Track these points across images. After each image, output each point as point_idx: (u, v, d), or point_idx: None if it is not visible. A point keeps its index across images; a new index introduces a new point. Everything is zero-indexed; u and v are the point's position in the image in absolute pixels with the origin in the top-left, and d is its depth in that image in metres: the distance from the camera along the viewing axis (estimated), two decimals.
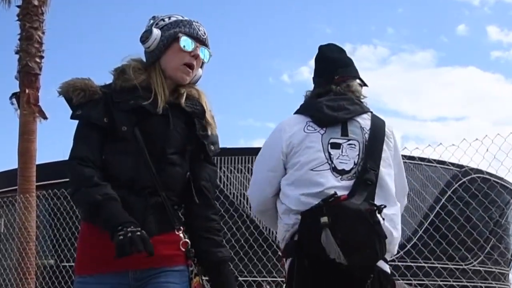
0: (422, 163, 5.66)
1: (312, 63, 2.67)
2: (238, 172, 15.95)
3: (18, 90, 8.77)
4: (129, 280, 1.91)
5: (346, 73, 2.49)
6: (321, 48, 2.61)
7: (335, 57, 2.55)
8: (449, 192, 20.33)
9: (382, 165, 2.32)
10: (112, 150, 1.96)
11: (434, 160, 5.89)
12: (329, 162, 2.30)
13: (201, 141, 2.05)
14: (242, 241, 6.67)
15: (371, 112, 2.46)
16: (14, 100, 8.75)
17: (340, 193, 2.19)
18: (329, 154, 2.32)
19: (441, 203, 20.07)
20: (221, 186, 18.04)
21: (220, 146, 2.15)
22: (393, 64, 56.44)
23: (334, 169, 2.29)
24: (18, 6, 9.15)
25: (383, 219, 2.18)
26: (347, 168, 2.30)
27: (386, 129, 2.42)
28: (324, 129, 2.36)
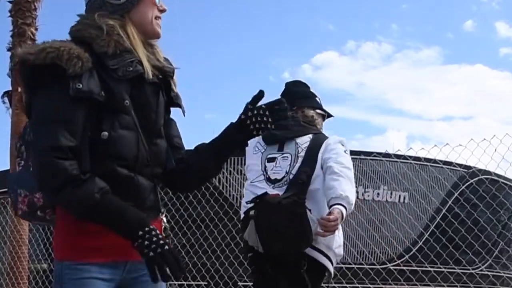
0: (428, 164, 5.67)
1: (315, 60, 2.85)
2: (237, 174, 15.95)
3: (10, 88, 8.77)
4: (122, 271, 1.79)
5: (304, 104, 3.09)
6: (286, 84, 3.24)
7: (296, 90, 3.15)
8: (456, 194, 20.38)
9: (316, 170, 2.85)
10: (115, 125, 1.74)
11: (441, 161, 5.89)
12: (264, 173, 2.95)
13: (176, 103, 1.95)
14: (242, 245, 6.66)
15: (316, 133, 3.03)
16: (5, 99, 8.76)
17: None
18: (265, 167, 2.97)
19: (447, 205, 20.16)
20: (220, 187, 18.05)
21: None
22: (397, 62, 56.48)
23: (268, 179, 2.93)
24: (10, 2, 9.15)
25: (309, 210, 2.71)
26: (279, 177, 2.90)
27: (325, 143, 2.95)
28: (265, 147, 3.02)
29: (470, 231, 6.07)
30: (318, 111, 3.18)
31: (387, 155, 6.64)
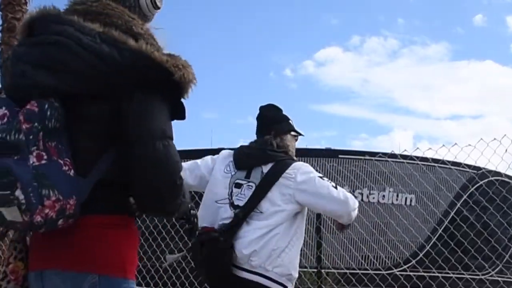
0: (436, 164, 5.68)
1: (317, 56, 2.85)
2: None
3: None
4: None
5: (280, 128, 3.38)
6: (260, 108, 3.49)
7: (271, 116, 3.44)
8: (464, 196, 20.33)
9: (273, 200, 3.15)
10: None
11: (449, 161, 5.90)
12: (229, 198, 3.21)
13: None
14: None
15: (279, 160, 3.27)
16: None
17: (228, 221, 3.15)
18: (232, 191, 3.23)
19: (456, 208, 20.15)
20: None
21: (218, 146, 2.22)
22: (404, 58, 56.49)
23: (231, 204, 3.19)
24: None
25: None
26: (241, 204, 3.17)
27: (286, 172, 3.20)
28: (235, 171, 3.28)
29: (480, 235, 6.08)
30: (293, 133, 3.44)
31: (393, 155, 6.64)
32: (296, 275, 3.19)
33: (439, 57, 56.50)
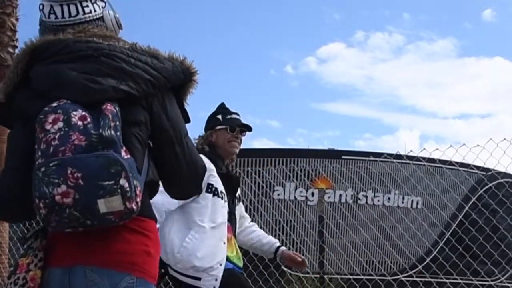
0: (443, 166, 5.69)
1: (320, 52, 2.85)
2: None
3: None
4: None
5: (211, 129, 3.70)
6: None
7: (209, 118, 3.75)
8: (473, 199, 20.37)
9: None
10: None
11: (457, 162, 5.90)
12: None
13: None
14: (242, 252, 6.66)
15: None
16: None
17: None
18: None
19: (464, 211, 20.16)
20: None
21: None
22: (409, 54, 56.56)
23: None
24: None
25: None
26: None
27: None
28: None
29: (489, 239, 6.07)
30: (218, 127, 3.70)
31: (398, 156, 6.65)
32: (182, 257, 3.35)
33: (447, 53, 56.59)
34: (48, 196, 1.66)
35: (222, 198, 3.46)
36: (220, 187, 3.47)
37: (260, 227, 3.98)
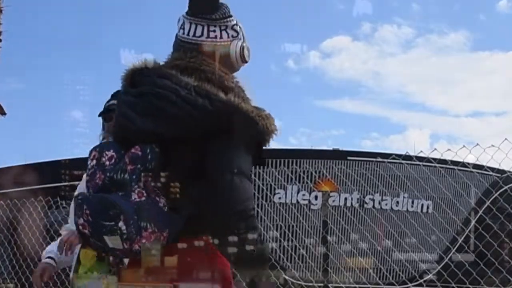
0: (456, 167, 5.69)
1: (324, 46, 2.87)
2: None
3: None
4: None
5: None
6: None
7: None
8: (487, 203, 20.36)
9: None
10: None
11: (470, 164, 5.90)
12: None
13: None
14: None
15: None
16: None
17: None
18: None
19: (478, 215, 20.14)
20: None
21: None
22: (419, 48, 56.56)
23: None
24: None
25: None
26: None
27: None
28: None
29: (504, 245, 6.07)
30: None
31: (407, 157, 6.65)
32: None
33: (459, 47, 56.57)
34: (76, 224, 2.02)
35: None
36: None
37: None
